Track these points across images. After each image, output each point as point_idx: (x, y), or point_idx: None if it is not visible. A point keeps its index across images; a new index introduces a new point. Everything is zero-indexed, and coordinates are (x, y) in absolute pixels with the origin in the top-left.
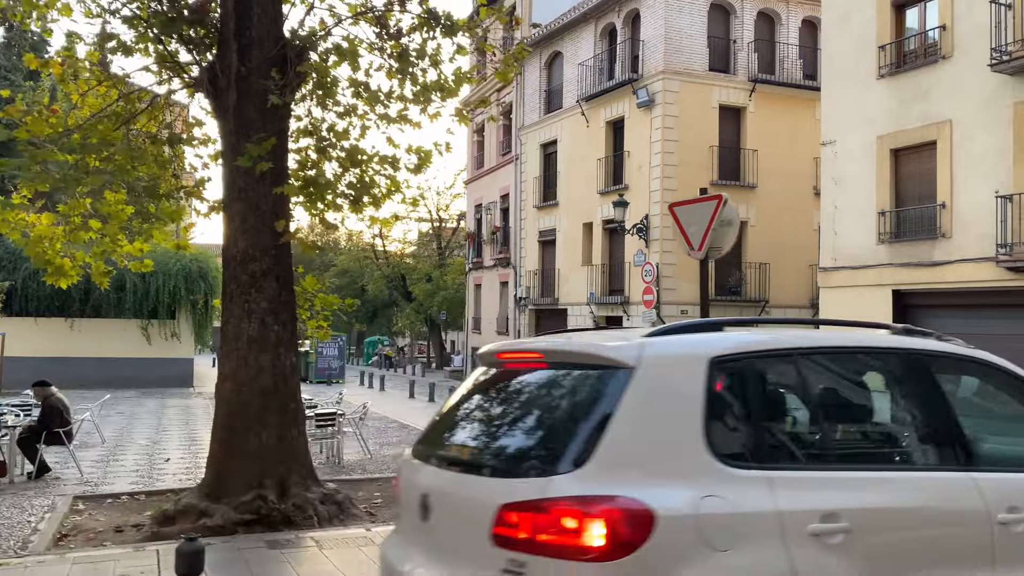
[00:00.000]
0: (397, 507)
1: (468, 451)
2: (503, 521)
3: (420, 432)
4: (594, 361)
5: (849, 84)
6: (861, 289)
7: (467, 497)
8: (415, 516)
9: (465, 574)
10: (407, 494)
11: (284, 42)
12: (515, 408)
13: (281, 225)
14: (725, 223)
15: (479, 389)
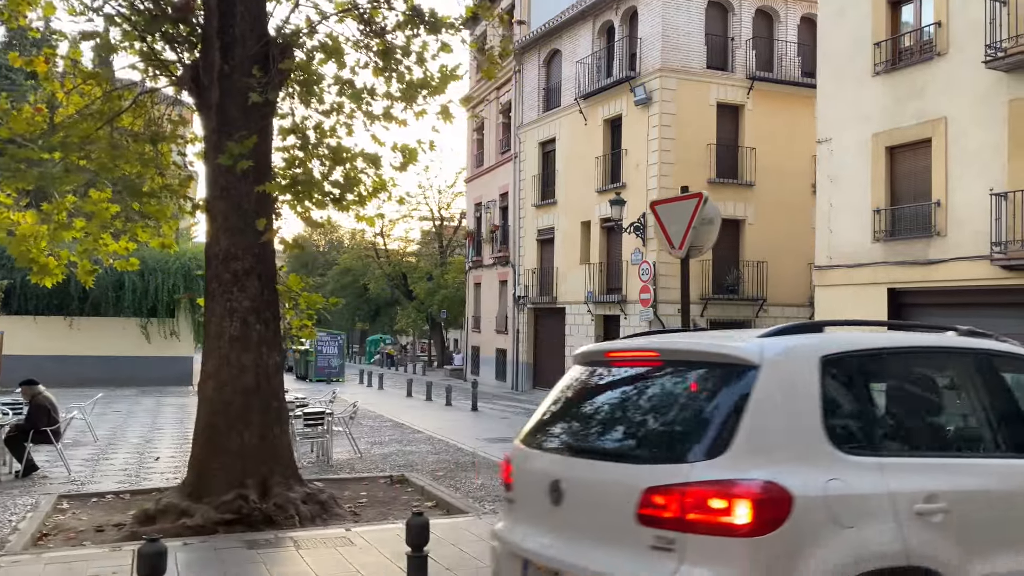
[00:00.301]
0: (510, 493)
1: (601, 441)
2: (649, 503)
3: (531, 424)
4: (718, 360)
5: (845, 81)
6: (856, 287)
7: (607, 482)
8: (542, 500)
9: (609, 550)
10: (529, 481)
11: (267, 40)
12: (641, 402)
13: (262, 224)
14: (706, 221)
15: (591, 385)
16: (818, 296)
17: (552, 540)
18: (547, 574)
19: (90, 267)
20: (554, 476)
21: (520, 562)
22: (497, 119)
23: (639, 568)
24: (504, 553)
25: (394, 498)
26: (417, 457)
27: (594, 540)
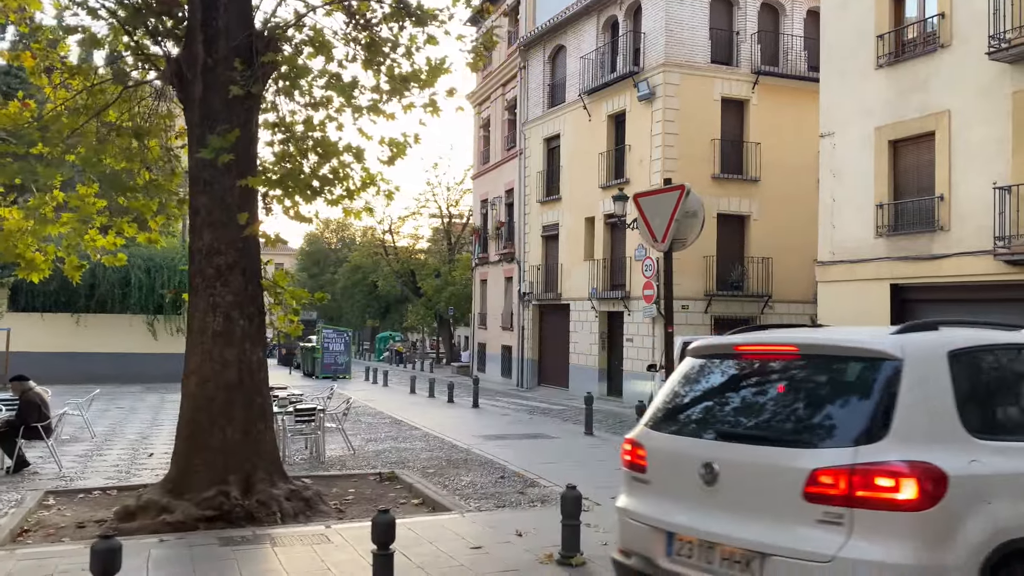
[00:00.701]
0: (644, 474)
1: (756, 428)
2: (816, 482)
3: (656, 411)
4: (863, 355)
5: (848, 75)
6: (859, 283)
7: (768, 464)
8: (692, 481)
9: (770, 524)
10: (673, 463)
11: (252, 33)
12: (789, 391)
13: (243, 218)
14: (689, 214)
15: (725, 376)
16: (820, 292)
17: (704, 515)
18: (699, 546)
19: (77, 263)
20: (706, 459)
21: (664, 535)
22: (503, 116)
23: (806, 540)
24: (640, 528)
25: (381, 495)
26: (410, 454)
27: (752, 515)
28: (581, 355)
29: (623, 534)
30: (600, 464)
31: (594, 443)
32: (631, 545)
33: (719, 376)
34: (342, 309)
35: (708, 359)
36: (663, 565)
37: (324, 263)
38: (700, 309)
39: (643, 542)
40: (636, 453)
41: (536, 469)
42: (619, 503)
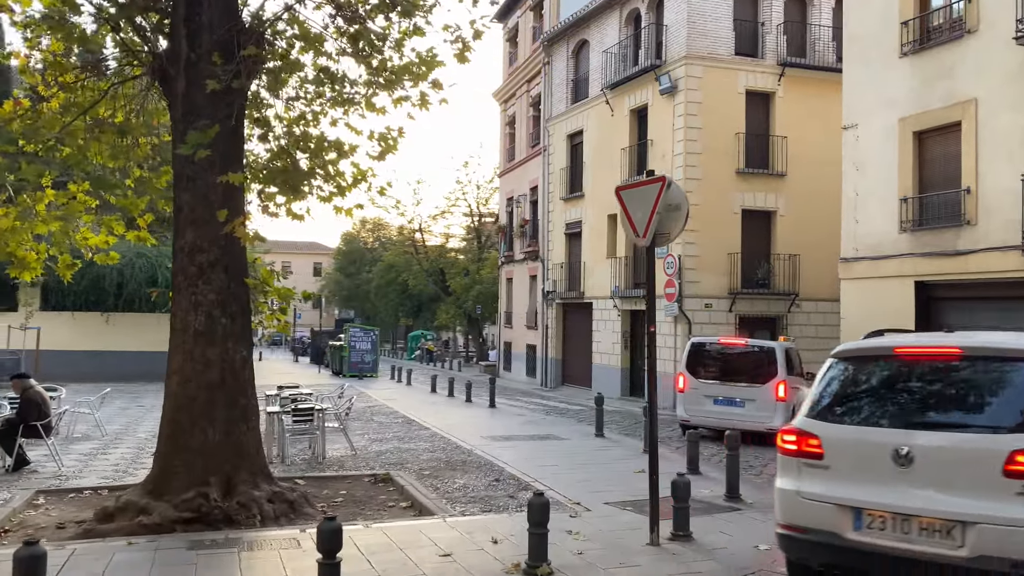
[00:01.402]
0: (821, 460)
1: (944, 417)
2: (1014, 461)
3: (814, 406)
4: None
5: (871, 64)
6: (882, 280)
7: (964, 448)
8: (882, 464)
9: (967, 498)
10: (857, 449)
11: (232, 26)
12: (966, 386)
13: (223, 215)
14: (672, 207)
15: (891, 373)
16: (843, 290)
17: (898, 493)
18: (893, 519)
19: (70, 261)
20: (899, 445)
21: (851, 512)
22: (528, 112)
23: (1008, 509)
24: (821, 506)
25: (372, 497)
26: (411, 455)
27: (951, 491)
28: (604, 354)
29: (791, 512)
30: (603, 467)
31: (603, 445)
32: (807, 522)
33: (883, 374)
34: (376, 308)
35: (859, 361)
36: (851, 537)
37: (360, 262)
38: (724, 307)
39: (825, 518)
40: (807, 442)
41: (535, 472)
42: (782, 486)
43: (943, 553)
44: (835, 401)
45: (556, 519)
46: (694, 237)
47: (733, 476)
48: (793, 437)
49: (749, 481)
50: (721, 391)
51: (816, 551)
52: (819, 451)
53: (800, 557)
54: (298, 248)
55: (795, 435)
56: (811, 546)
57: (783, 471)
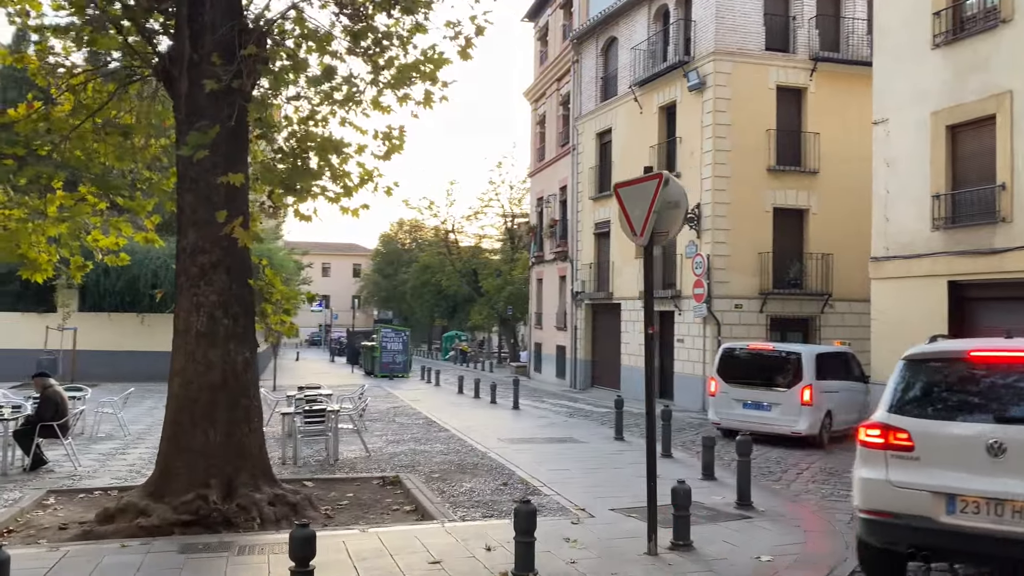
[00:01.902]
0: (910, 452)
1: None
2: None
3: (893, 403)
4: None
5: (902, 56)
6: (914, 280)
7: None
8: (975, 454)
9: None
10: (950, 441)
11: (233, 26)
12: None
13: (222, 216)
14: (671, 204)
15: (966, 375)
16: (874, 290)
17: (991, 480)
18: (986, 504)
19: (81, 262)
20: (993, 438)
21: (944, 498)
22: (558, 111)
23: None
24: (912, 493)
25: (378, 500)
26: (425, 457)
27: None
28: (633, 356)
29: (878, 500)
30: (616, 472)
31: (621, 448)
32: (898, 508)
33: (961, 376)
34: (412, 309)
35: (934, 363)
36: (945, 520)
37: (397, 263)
38: (755, 308)
39: (918, 504)
40: (895, 436)
41: (546, 476)
42: (867, 475)
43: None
44: (915, 399)
45: (557, 525)
46: (724, 236)
47: (744, 483)
48: (878, 431)
49: (766, 488)
50: (749, 395)
51: (907, 534)
52: (909, 444)
53: (888, 540)
54: (338, 250)
55: (880, 429)
56: (902, 529)
57: (866, 462)
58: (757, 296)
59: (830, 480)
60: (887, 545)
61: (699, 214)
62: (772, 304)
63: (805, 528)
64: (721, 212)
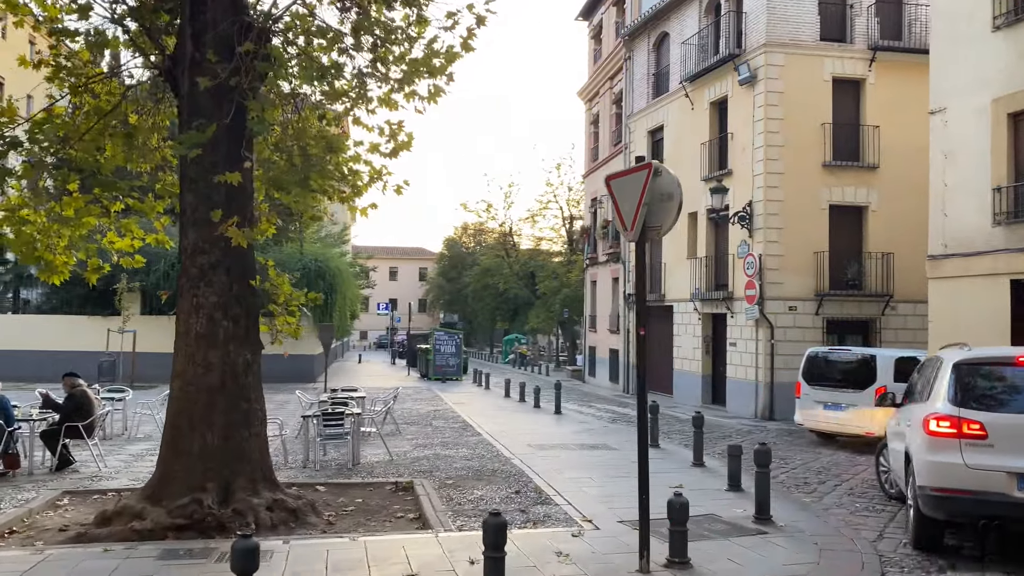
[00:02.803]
0: (984, 441)
1: None
2: None
3: (953, 397)
4: None
5: (960, 40)
6: (973, 280)
7: None
8: None
9: None
10: (1021, 431)
11: (232, 22)
12: None
13: (217, 215)
14: (664, 197)
15: (1015, 376)
16: (931, 291)
17: None
18: None
19: (98, 264)
20: None
21: (1017, 477)
22: (610, 110)
23: None
24: (988, 474)
25: (385, 507)
26: (446, 462)
27: None
28: (685, 360)
29: (954, 479)
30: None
31: (653, 456)
32: (973, 486)
33: (1008, 379)
34: (475, 312)
35: (987, 365)
36: (1018, 495)
37: (461, 266)
38: (810, 310)
39: (992, 483)
40: (968, 426)
41: (562, 484)
42: (941, 459)
43: None
44: (976, 395)
45: (555, 537)
46: (776, 235)
47: (763, 495)
48: (949, 423)
49: (796, 500)
50: (828, 397)
51: (983, 507)
52: (983, 433)
53: (957, 513)
54: (404, 254)
55: (951, 421)
56: (978, 503)
57: (938, 449)
58: (812, 298)
59: (868, 492)
60: (954, 517)
61: (751, 212)
62: (829, 306)
63: (822, 546)
64: (773, 210)
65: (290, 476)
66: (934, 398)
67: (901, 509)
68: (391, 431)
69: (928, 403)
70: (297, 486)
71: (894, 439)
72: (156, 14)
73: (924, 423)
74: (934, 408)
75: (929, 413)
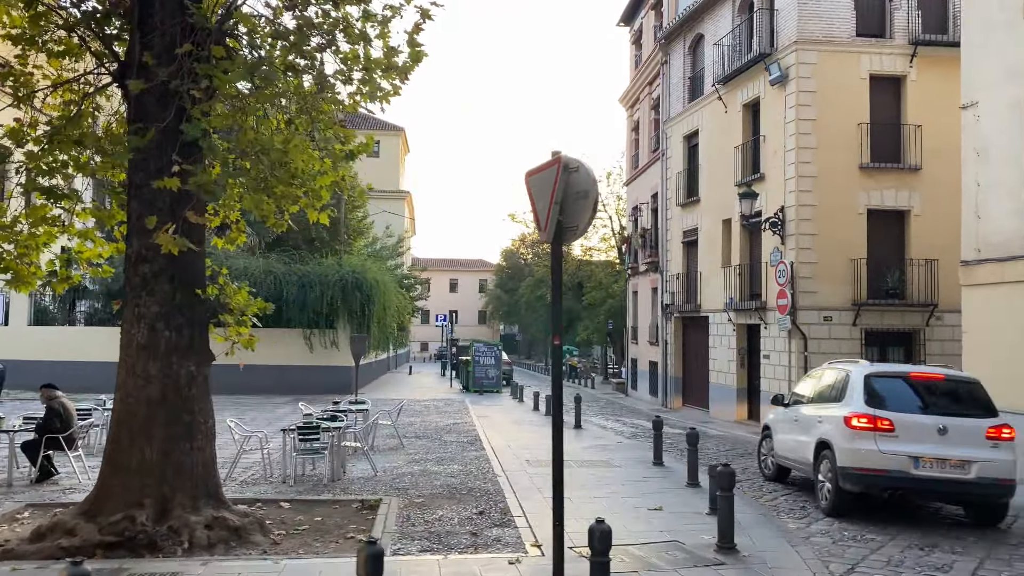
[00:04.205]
0: (893, 432)
1: (958, 411)
2: (990, 432)
3: (866, 400)
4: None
5: (993, 28)
6: (1009, 287)
7: (971, 425)
8: (929, 434)
9: (972, 449)
10: (916, 426)
11: (175, 24)
12: (945, 394)
13: (152, 222)
14: (579, 195)
15: (906, 387)
16: (964, 299)
17: (937, 448)
18: (934, 461)
19: (67, 274)
20: (940, 424)
21: (912, 459)
22: (649, 115)
23: (989, 455)
24: (893, 456)
25: (342, 526)
26: (428, 479)
27: (964, 446)
28: (720, 372)
29: (870, 462)
30: (620, 502)
31: (652, 475)
32: (884, 466)
33: (909, 386)
34: (529, 323)
35: (888, 378)
36: (914, 471)
37: (518, 278)
38: (847, 321)
39: (894, 463)
40: (881, 422)
41: (534, 505)
42: (859, 447)
43: (960, 478)
44: (884, 399)
45: (489, 564)
46: (809, 242)
47: (725, 523)
48: (866, 419)
49: (780, 527)
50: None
51: (891, 481)
52: (891, 427)
53: (868, 487)
54: (464, 266)
55: (867, 418)
56: (883, 479)
57: (857, 439)
58: (849, 307)
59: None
60: (870, 490)
61: (783, 218)
62: (867, 316)
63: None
64: (806, 215)
65: (260, 492)
66: (847, 401)
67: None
68: (395, 445)
69: (843, 405)
70: (262, 502)
71: (786, 432)
72: (108, 20)
73: (846, 420)
74: (852, 408)
75: (850, 412)
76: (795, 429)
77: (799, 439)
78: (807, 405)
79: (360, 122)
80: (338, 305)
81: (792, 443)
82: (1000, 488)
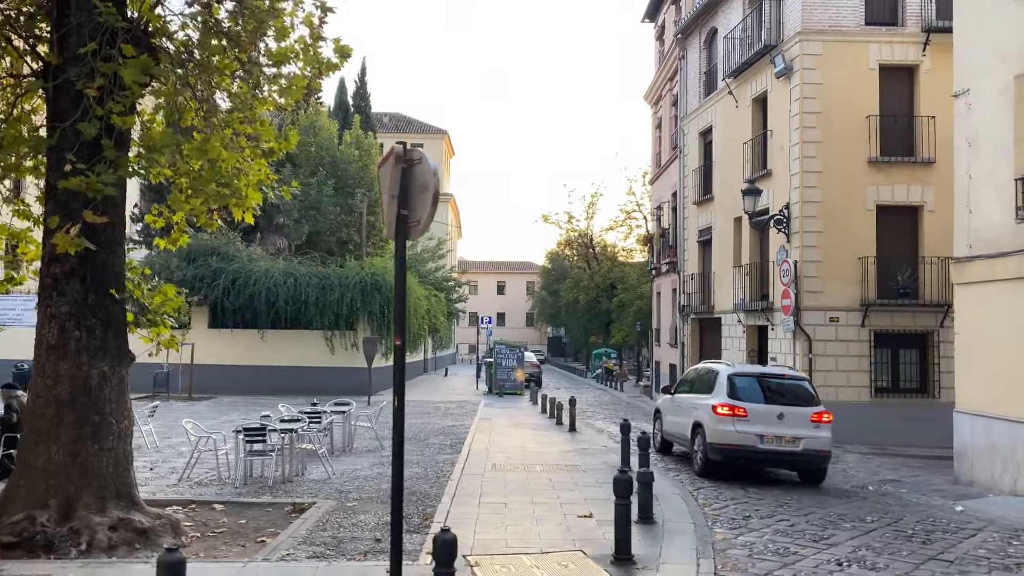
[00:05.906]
0: (746, 417)
1: (794, 402)
2: (813, 417)
3: (729, 393)
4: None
5: (984, 10)
6: (1000, 285)
7: (801, 412)
8: (771, 418)
9: (802, 429)
10: (763, 413)
11: (82, 25)
12: (788, 391)
13: (54, 222)
14: (420, 188)
15: (756, 384)
16: (957, 298)
17: (777, 428)
18: (775, 438)
19: (10, 275)
20: (780, 412)
21: (758, 436)
22: (670, 112)
23: (812, 432)
24: (744, 434)
25: (262, 528)
26: (376, 483)
27: (796, 427)
28: None
29: (727, 438)
30: (562, 508)
31: (606, 480)
32: (737, 442)
33: (756, 382)
34: (570, 325)
35: (743, 376)
36: (760, 446)
37: (562, 279)
38: (855, 322)
39: (746, 440)
40: (738, 410)
41: (467, 510)
42: (721, 427)
43: (792, 450)
44: (740, 393)
45: (367, 572)
46: (815, 239)
47: (622, 531)
48: (728, 408)
49: (702, 538)
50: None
51: (744, 453)
52: (745, 413)
53: (728, 458)
54: (511, 268)
55: (728, 407)
56: (739, 452)
57: (721, 422)
58: (857, 308)
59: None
60: (726, 460)
61: (788, 215)
62: (876, 317)
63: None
64: (811, 212)
65: (200, 493)
66: (716, 393)
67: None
68: (375, 447)
69: (713, 396)
70: (197, 504)
71: (671, 415)
72: (32, 22)
73: (714, 408)
74: (718, 399)
75: (717, 402)
76: (678, 412)
77: (681, 420)
78: (687, 395)
79: (404, 125)
80: (358, 307)
81: (676, 423)
82: (820, 457)
